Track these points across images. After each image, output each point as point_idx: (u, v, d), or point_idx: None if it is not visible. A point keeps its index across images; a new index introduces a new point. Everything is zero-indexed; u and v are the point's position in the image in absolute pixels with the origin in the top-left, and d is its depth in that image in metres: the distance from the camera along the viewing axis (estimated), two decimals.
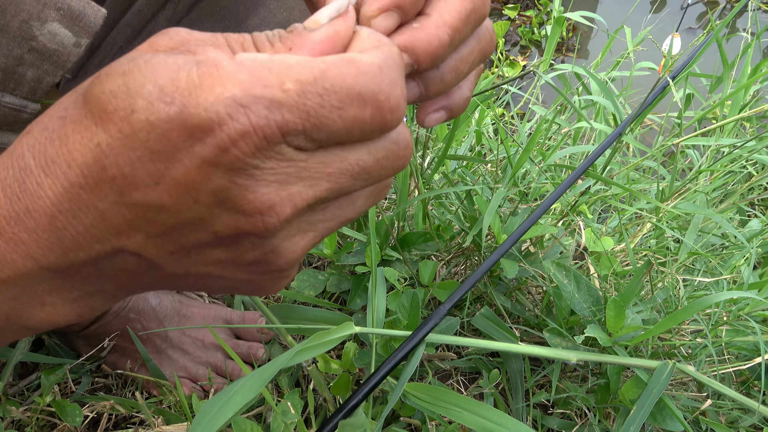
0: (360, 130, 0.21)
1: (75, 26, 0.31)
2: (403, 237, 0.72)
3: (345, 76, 0.20)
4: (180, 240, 0.22)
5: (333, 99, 0.20)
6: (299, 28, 0.22)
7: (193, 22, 0.69)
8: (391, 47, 0.22)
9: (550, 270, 0.57)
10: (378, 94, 0.21)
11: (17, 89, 0.31)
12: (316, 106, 0.20)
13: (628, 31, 1.54)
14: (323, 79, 0.20)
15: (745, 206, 1.02)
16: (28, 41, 0.30)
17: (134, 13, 0.65)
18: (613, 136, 0.58)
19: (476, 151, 1.15)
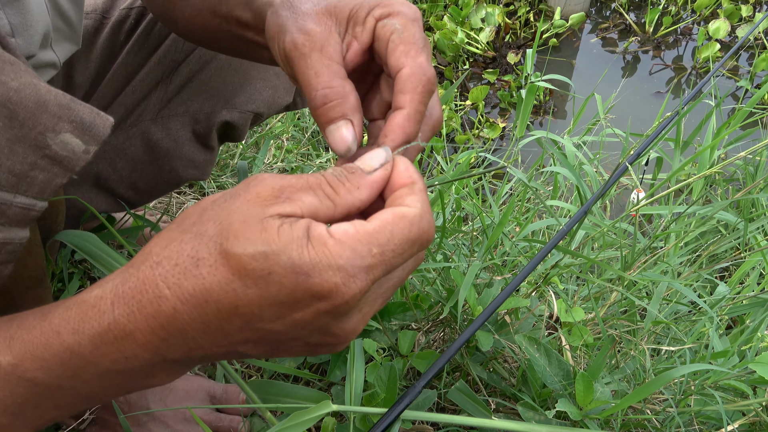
0: (411, 257, 0.30)
1: (85, 135, 0.35)
2: (383, 307, 0.74)
3: (403, 231, 0.29)
4: (278, 345, 0.30)
5: (399, 250, 0.29)
6: (359, 171, 0.32)
7: (184, 100, 0.73)
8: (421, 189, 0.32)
9: (522, 344, 0.60)
10: (422, 234, 0.30)
11: (28, 190, 0.34)
12: (390, 258, 0.29)
13: (598, 98, 1.63)
14: (393, 238, 0.29)
15: (711, 274, 1.06)
16: (42, 149, 0.33)
17: (127, 94, 0.69)
18: (578, 215, 0.62)
19: (456, 216, 1.19)
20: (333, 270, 0.27)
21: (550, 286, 0.73)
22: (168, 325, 0.28)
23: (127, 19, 0.67)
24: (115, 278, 0.30)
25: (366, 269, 0.28)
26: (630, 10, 3.16)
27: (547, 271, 0.70)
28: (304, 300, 0.27)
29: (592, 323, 0.77)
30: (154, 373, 0.31)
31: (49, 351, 0.30)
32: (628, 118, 2.26)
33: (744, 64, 2.80)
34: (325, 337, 0.30)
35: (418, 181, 0.32)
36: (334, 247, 0.27)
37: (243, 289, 0.27)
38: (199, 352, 0.29)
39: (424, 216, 0.30)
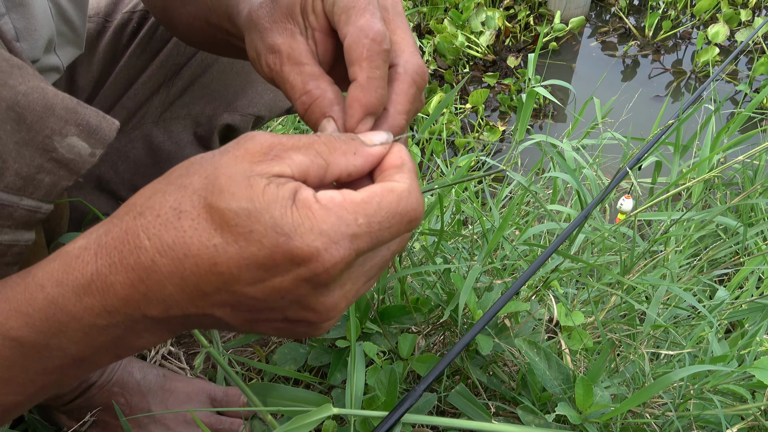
0: (399, 234, 0.30)
1: (91, 139, 0.35)
2: (383, 310, 0.74)
3: (391, 204, 0.29)
4: (257, 315, 0.30)
5: (386, 223, 0.29)
6: (358, 140, 0.32)
7: (186, 104, 0.73)
8: (410, 169, 0.32)
9: (522, 348, 0.60)
10: (410, 211, 0.30)
11: (35, 193, 0.34)
12: (377, 230, 0.29)
13: (597, 102, 1.64)
14: (380, 210, 0.29)
15: (711, 279, 1.07)
16: (49, 153, 0.34)
17: (130, 97, 0.70)
18: (578, 220, 0.62)
19: (456, 219, 1.19)
20: (315, 234, 0.27)
21: (550, 290, 0.74)
22: (146, 279, 0.28)
23: (130, 22, 0.67)
24: (99, 228, 0.30)
25: (350, 237, 0.27)
26: (630, 14, 3.17)
27: (547, 275, 0.71)
28: (283, 264, 0.27)
29: (591, 327, 0.78)
30: (138, 332, 0.31)
31: (33, 305, 0.30)
32: (628, 122, 2.27)
33: (743, 68, 2.81)
34: (305, 312, 0.29)
35: (407, 162, 0.32)
36: (319, 211, 0.27)
37: (223, 245, 0.27)
38: (176, 311, 0.29)
39: (413, 193, 0.30)
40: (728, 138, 1.88)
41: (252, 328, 0.31)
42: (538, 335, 0.69)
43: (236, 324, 0.30)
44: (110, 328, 0.30)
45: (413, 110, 0.37)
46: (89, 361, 0.32)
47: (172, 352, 0.78)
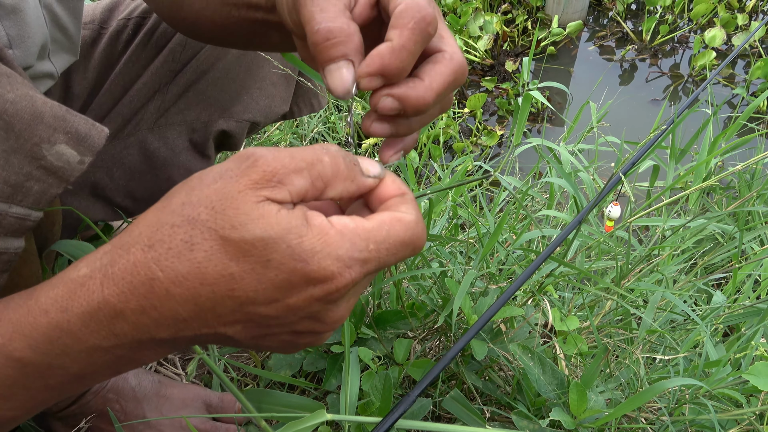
0: (402, 259, 0.32)
1: (80, 146, 0.35)
2: (379, 315, 0.74)
3: (398, 233, 0.31)
4: (266, 331, 0.31)
5: (393, 249, 0.31)
6: (358, 167, 0.32)
7: (181, 110, 0.73)
8: (412, 199, 0.33)
9: (517, 353, 0.60)
10: (416, 240, 0.32)
11: (24, 201, 0.34)
12: (385, 255, 0.30)
13: (593, 106, 1.65)
14: (388, 238, 0.30)
15: (707, 284, 1.07)
16: (37, 160, 0.34)
17: (125, 103, 0.70)
18: (572, 226, 0.63)
19: (453, 224, 1.19)
20: (332, 259, 0.28)
21: (545, 295, 0.74)
22: (160, 306, 0.29)
23: (125, 29, 0.68)
24: (102, 258, 0.30)
25: (362, 262, 0.29)
26: (627, 18, 3.18)
27: (541, 280, 0.71)
28: (299, 285, 0.28)
29: (587, 332, 0.78)
30: (142, 351, 0.31)
31: (37, 330, 0.30)
32: (625, 126, 2.27)
33: (740, 72, 2.82)
34: (314, 324, 0.31)
35: (408, 193, 0.33)
36: (335, 237, 0.29)
37: (240, 273, 0.28)
38: (187, 333, 0.30)
39: (419, 223, 0.32)
40: (726, 142, 1.89)
41: (258, 343, 0.32)
42: (533, 340, 0.69)
43: (243, 340, 0.31)
44: (115, 349, 0.31)
45: (443, 97, 0.36)
46: (90, 378, 0.33)
47: (168, 358, 0.78)
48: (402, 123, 0.36)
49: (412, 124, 0.36)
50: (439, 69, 0.35)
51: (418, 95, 0.34)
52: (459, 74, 0.36)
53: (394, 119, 0.36)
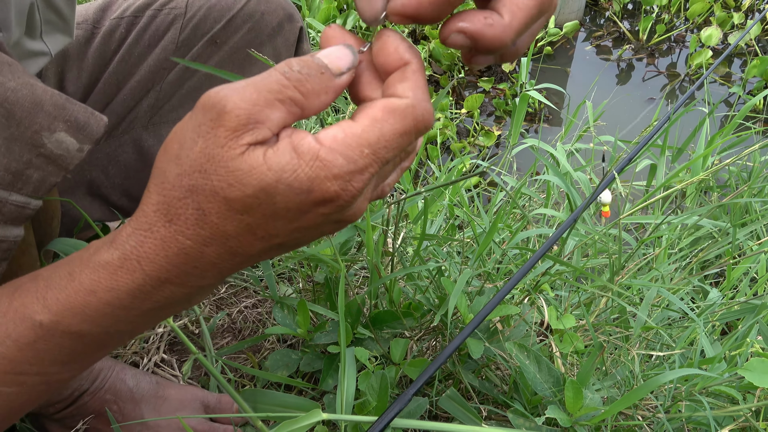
0: (410, 144, 0.30)
1: (80, 134, 0.35)
2: (375, 315, 0.74)
3: (394, 126, 0.29)
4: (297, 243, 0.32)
5: (393, 143, 0.29)
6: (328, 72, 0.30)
7: (175, 107, 0.74)
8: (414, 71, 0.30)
9: (513, 351, 0.60)
10: (417, 124, 0.29)
11: (23, 188, 0.35)
12: (384, 153, 0.29)
13: (589, 105, 1.65)
14: (384, 135, 0.29)
15: (702, 280, 1.07)
16: (37, 148, 0.34)
17: (118, 102, 0.70)
18: (567, 224, 0.63)
19: (450, 224, 1.20)
20: (330, 180, 0.28)
21: (541, 294, 0.74)
22: (200, 265, 0.30)
23: (118, 28, 0.68)
24: (128, 241, 0.31)
25: (360, 171, 0.29)
26: (624, 18, 3.19)
27: (537, 278, 0.71)
28: (311, 209, 0.29)
29: (583, 330, 0.78)
30: (194, 297, 0.33)
31: (89, 307, 0.32)
32: (622, 125, 2.28)
33: (737, 71, 2.82)
34: (337, 224, 0.32)
35: (411, 61, 0.30)
36: (327, 156, 0.28)
37: (255, 222, 0.29)
38: (229, 272, 0.32)
39: (418, 104, 0.29)
40: (722, 141, 1.89)
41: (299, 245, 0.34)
42: (529, 338, 0.70)
43: (286, 251, 0.33)
44: (168, 307, 0.33)
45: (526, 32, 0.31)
46: (142, 330, 0.35)
47: (165, 360, 0.78)
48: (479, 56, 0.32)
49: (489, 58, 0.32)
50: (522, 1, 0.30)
51: (494, 35, 0.30)
52: (545, 7, 0.31)
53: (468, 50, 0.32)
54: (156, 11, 0.69)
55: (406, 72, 0.30)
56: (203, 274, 0.31)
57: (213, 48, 0.70)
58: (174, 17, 0.69)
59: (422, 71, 0.30)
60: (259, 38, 0.71)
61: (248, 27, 0.70)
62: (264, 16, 0.71)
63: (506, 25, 0.30)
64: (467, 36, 0.30)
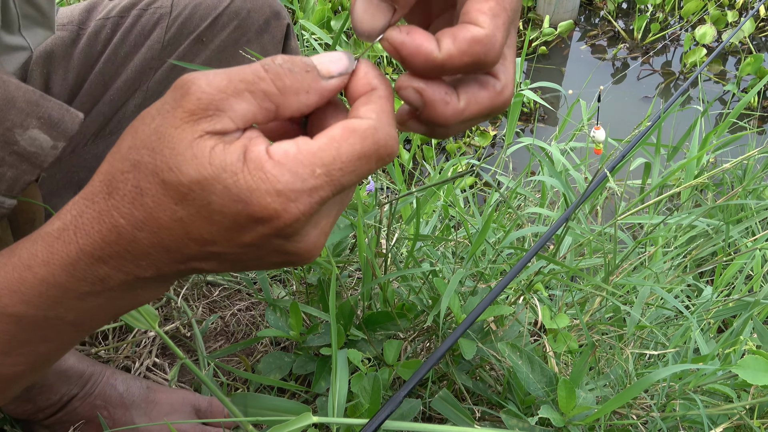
0: (368, 173, 0.28)
1: (53, 131, 0.35)
2: (368, 317, 0.74)
3: (353, 146, 0.27)
4: (242, 264, 0.30)
5: (349, 167, 0.27)
6: (314, 71, 0.28)
7: None
8: (380, 96, 0.29)
9: (505, 351, 0.60)
10: (378, 149, 0.28)
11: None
12: (339, 176, 0.27)
13: (583, 104, 1.65)
14: (340, 156, 0.27)
15: (696, 278, 1.07)
16: (10, 146, 0.33)
17: (105, 102, 0.70)
18: (559, 223, 0.62)
19: (445, 224, 1.19)
20: (271, 195, 0.26)
21: (535, 293, 0.73)
22: (132, 250, 0.28)
23: (103, 28, 0.68)
24: (72, 209, 0.29)
25: (309, 192, 0.26)
26: (618, 17, 3.19)
27: (530, 278, 0.71)
28: (248, 224, 0.27)
29: (577, 329, 0.77)
30: (134, 291, 0.31)
31: (25, 284, 0.30)
32: (618, 124, 2.28)
33: (731, 69, 2.83)
34: (286, 255, 0.29)
35: (378, 87, 0.29)
36: (272, 170, 0.26)
37: (188, 217, 0.27)
38: (168, 270, 0.30)
39: (380, 128, 0.27)
40: (717, 138, 1.89)
41: (241, 270, 0.32)
42: (523, 338, 0.69)
43: (225, 270, 0.31)
44: (105, 293, 0.30)
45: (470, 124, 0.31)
46: (88, 325, 0.33)
47: (157, 363, 0.77)
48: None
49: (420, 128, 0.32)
50: (481, 97, 0.30)
51: (444, 114, 0.29)
52: (497, 110, 0.31)
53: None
54: (141, 11, 0.68)
55: (372, 96, 0.29)
56: (138, 262, 0.29)
57: (199, 46, 0.69)
58: (159, 16, 0.68)
59: (390, 99, 0.29)
60: (245, 36, 0.71)
61: (234, 25, 0.70)
62: (250, 13, 0.71)
63: (459, 111, 0.29)
64: (422, 99, 0.29)
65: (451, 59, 0.27)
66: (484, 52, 0.28)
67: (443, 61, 0.27)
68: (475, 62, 0.28)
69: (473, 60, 0.28)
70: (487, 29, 0.27)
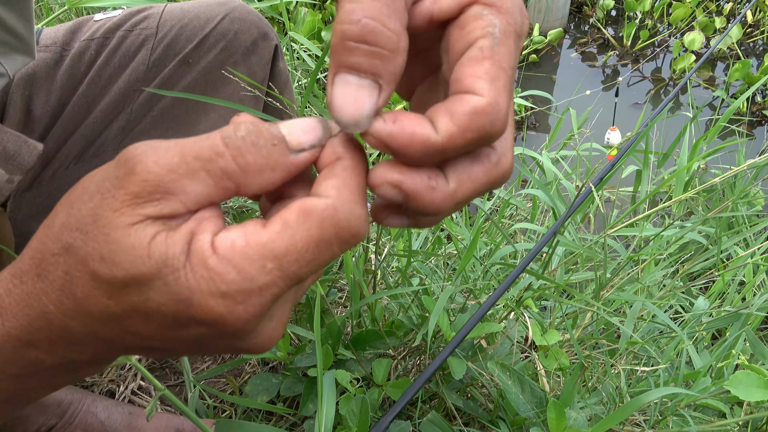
0: (331, 259, 0.24)
1: (9, 165, 0.34)
2: (357, 336, 0.73)
3: (309, 232, 0.23)
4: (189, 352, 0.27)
5: (307, 257, 0.23)
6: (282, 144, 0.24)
7: (146, 129, 0.72)
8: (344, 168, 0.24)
9: (495, 371, 0.59)
10: (339, 232, 0.23)
11: None
12: (296, 269, 0.23)
13: (573, 113, 1.65)
14: (294, 246, 0.23)
15: (688, 292, 1.06)
16: None
17: (88, 125, 0.69)
18: (546, 238, 0.62)
19: (436, 236, 1.18)
20: (215, 298, 0.22)
21: (525, 309, 0.73)
22: (65, 336, 0.25)
23: (88, 50, 0.67)
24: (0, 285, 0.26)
25: (258, 291, 0.23)
26: (607, 24, 3.21)
27: (520, 293, 0.70)
28: (190, 325, 0.24)
29: (568, 344, 0.77)
30: (73, 372, 0.28)
31: None
32: (606, 130, 2.28)
33: (720, 75, 2.85)
34: (237, 348, 0.26)
35: (344, 157, 0.25)
36: (216, 267, 0.22)
37: (122, 313, 0.23)
38: (106, 356, 0.27)
39: (341, 207, 0.23)
40: (707, 144, 1.90)
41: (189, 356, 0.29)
42: (513, 356, 0.68)
43: (170, 357, 0.29)
44: (39, 373, 0.28)
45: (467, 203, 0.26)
46: (23, 400, 0.30)
47: (142, 386, 0.76)
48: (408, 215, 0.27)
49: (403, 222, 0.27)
50: (475, 173, 0.25)
51: (433, 201, 0.24)
52: (496, 185, 0.26)
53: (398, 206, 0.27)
54: (126, 32, 0.68)
55: (334, 168, 0.24)
56: (71, 347, 0.26)
57: (185, 68, 0.68)
58: (145, 38, 0.67)
59: (356, 170, 0.25)
60: (232, 57, 0.70)
61: (221, 46, 0.69)
62: (237, 35, 0.70)
63: (449, 195, 0.24)
64: (402, 192, 0.24)
65: (453, 140, 0.23)
66: (490, 124, 0.23)
67: (444, 144, 0.23)
68: (481, 137, 0.23)
69: (478, 135, 0.23)
70: (488, 97, 0.23)
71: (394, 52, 0.23)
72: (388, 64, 0.23)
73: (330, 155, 0.25)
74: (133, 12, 0.69)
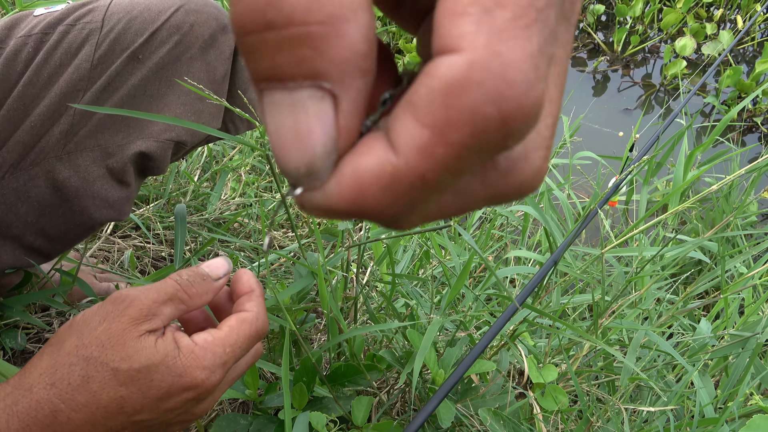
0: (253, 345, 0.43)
1: None
2: (334, 371, 0.66)
3: (246, 331, 0.41)
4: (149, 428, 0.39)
5: (245, 344, 0.41)
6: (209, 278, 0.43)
7: (93, 133, 0.65)
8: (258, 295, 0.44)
9: (487, 420, 0.52)
10: (259, 331, 0.43)
11: None
12: (239, 351, 0.41)
13: (565, 120, 1.60)
14: (238, 339, 0.41)
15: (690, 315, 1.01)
16: None
17: (25, 130, 0.61)
18: (544, 270, 0.56)
19: (423, 250, 1.12)
20: (200, 369, 0.38)
21: (519, 342, 0.66)
22: (61, 429, 0.35)
23: (25, 47, 0.59)
24: (6, 399, 0.35)
25: (222, 364, 0.39)
26: (598, 29, 3.18)
27: (515, 327, 0.64)
28: (177, 393, 0.38)
29: (565, 378, 0.70)
30: None
31: None
32: (602, 137, 2.24)
33: (711, 81, 2.82)
34: (186, 416, 0.39)
35: (255, 288, 0.43)
36: (200, 352, 0.39)
37: (129, 395, 0.36)
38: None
39: (260, 317, 0.43)
40: (702, 154, 1.86)
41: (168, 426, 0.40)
42: (506, 396, 0.62)
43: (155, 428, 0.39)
44: None
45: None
46: None
47: None
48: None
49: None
50: (463, 185, 0.15)
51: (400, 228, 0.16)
52: (508, 199, 0.16)
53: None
54: (68, 27, 0.60)
55: (252, 296, 0.43)
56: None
57: (135, 64, 0.61)
58: (89, 32, 0.60)
59: (263, 296, 0.44)
60: (188, 52, 0.63)
61: (175, 40, 0.62)
62: (193, 27, 0.63)
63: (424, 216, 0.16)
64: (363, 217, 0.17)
65: (428, 158, 0.14)
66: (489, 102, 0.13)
67: (409, 170, 0.14)
68: (481, 138, 0.14)
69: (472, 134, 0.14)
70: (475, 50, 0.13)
71: (336, 19, 0.13)
72: (330, 45, 0.13)
73: (247, 287, 0.44)
74: (77, 5, 0.62)
